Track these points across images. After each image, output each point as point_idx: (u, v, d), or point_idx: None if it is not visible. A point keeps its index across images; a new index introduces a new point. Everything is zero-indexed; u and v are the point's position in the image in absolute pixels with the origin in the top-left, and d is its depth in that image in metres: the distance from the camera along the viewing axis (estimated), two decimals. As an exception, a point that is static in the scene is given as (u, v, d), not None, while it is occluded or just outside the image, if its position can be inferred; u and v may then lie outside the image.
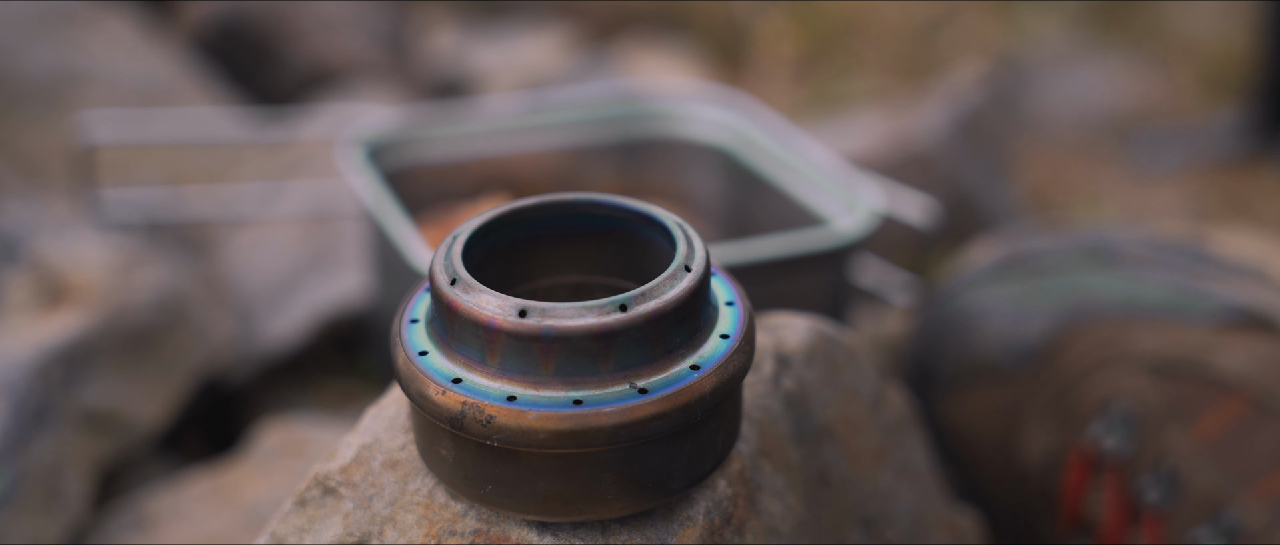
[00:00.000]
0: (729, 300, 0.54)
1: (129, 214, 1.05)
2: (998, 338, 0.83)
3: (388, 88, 1.32)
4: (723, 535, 0.54)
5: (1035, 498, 0.81)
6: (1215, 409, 0.76)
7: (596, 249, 0.57)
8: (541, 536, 0.52)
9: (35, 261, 0.90)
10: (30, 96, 1.17)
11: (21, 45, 1.21)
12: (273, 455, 0.84)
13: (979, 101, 1.30)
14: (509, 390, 0.49)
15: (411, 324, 0.53)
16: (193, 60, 1.33)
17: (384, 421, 0.56)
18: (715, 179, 0.99)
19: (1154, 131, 1.61)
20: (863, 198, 0.85)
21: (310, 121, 1.19)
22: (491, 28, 1.66)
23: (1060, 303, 0.82)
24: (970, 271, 0.89)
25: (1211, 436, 0.75)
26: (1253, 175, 1.50)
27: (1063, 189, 1.49)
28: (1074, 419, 0.79)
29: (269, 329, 0.98)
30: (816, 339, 0.63)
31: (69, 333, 0.84)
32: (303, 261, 1.05)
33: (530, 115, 0.97)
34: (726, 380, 0.51)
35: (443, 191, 0.95)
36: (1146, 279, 0.82)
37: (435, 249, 0.54)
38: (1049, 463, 0.80)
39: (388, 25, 1.49)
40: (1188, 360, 0.77)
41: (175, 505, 0.81)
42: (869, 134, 1.26)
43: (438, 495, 0.53)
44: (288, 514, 0.56)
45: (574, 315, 0.49)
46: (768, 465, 0.57)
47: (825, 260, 0.82)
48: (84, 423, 0.83)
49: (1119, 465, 0.77)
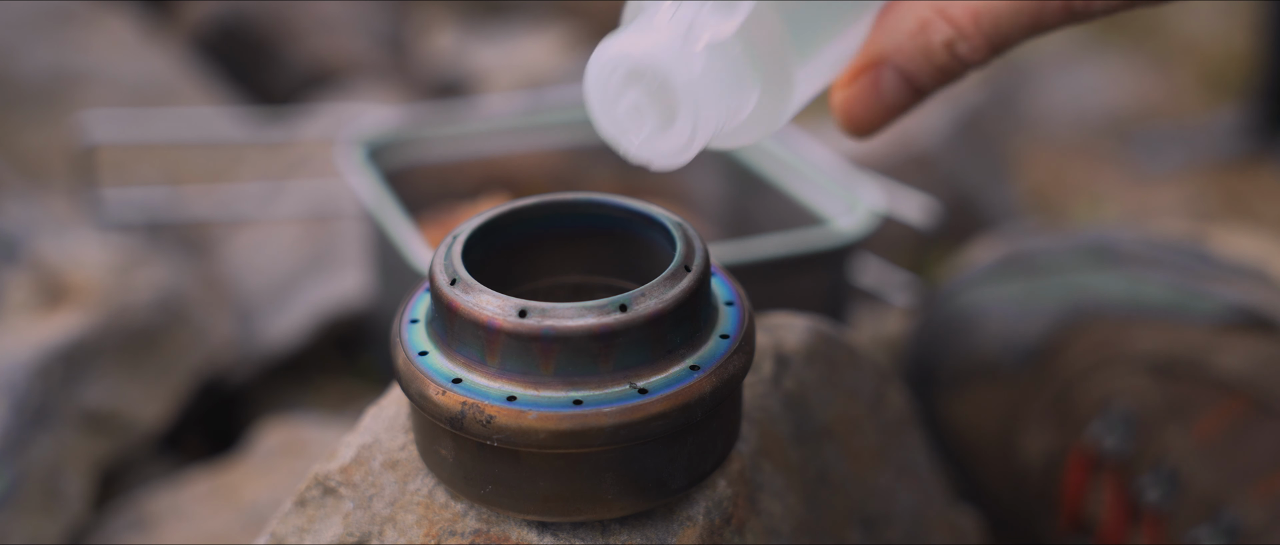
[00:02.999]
0: (729, 300, 0.54)
1: (129, 214, 1.05)
2: (998, 337, 0.83)
3: (388, 88, 1.32)
4: (723, 535, 0.54)
5: (1035, 497, 0.81)
6: (1215, 409, 0.76)
7: (596, 249, 0.57)
8: (541, 536, 0.52)
9: (35, 261, 0.90)
10: (30, 96, 1.17)
11: (21, 45, 1.21)
12: (273, 455, 0.84)
13: (979, 101, 1.30)
14: (509, 390, 0.49)
15: (411, 324, 0.53)
16: (193, 60, 1.33)
17: (384, 421, 0.56)
18: (715, 179, 0.99)
19: (1154, 131, 1.61)
20: (863, 198, 0.85)
21: (310, 121, 1.19)
22: (491, 28, 1.66)
23: (1060, 302, 0.82)
24: (970, 271, 0.89)
25: (1211, 436, 0.75)
26: (1253, 175, 1.50)
27: (1063, 189, 1.49)
28: (1074, 419, 0.79)
29: (269, 329, 0.98)
30: (816, 339, 0.63)
31: (69, 333, 0.84)
32: (303, 261, 1.05)
33: (530, 115, 0.97)
34: (726, 380, 0.51)
35: (443, 191, 0.95)
36: (1147, 279, 0.82)
37: (435, 249, 0.54)
38: (1049, 462, 0.80)
39: (388, 25, 1.49)
40: (1188, 360, 0.77)
41: (175, 505, 0.81)
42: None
43: (438, 495, 0.53)
44: (288, 514, 0.56)
45: (574, 315, 0.49)
46: (768, 465, 0.57)
47: (825, 260, 0.82)
48: (84, 423, 0.83)
49: (1119, 465, 0.77)
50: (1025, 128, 1.61)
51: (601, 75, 0.49)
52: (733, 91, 0.50)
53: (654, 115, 0.49)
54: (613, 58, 0.49)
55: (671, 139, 0.50)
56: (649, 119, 0.49)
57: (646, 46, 0.48)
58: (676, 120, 0.49)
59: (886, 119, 0.56)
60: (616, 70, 0.49)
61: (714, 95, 0.49)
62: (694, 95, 0.48)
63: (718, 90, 0.49)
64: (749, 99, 0.51)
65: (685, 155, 0.50)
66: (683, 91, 0.48)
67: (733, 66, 0.50)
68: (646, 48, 0.48)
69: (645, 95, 0.49)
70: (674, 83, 0.48)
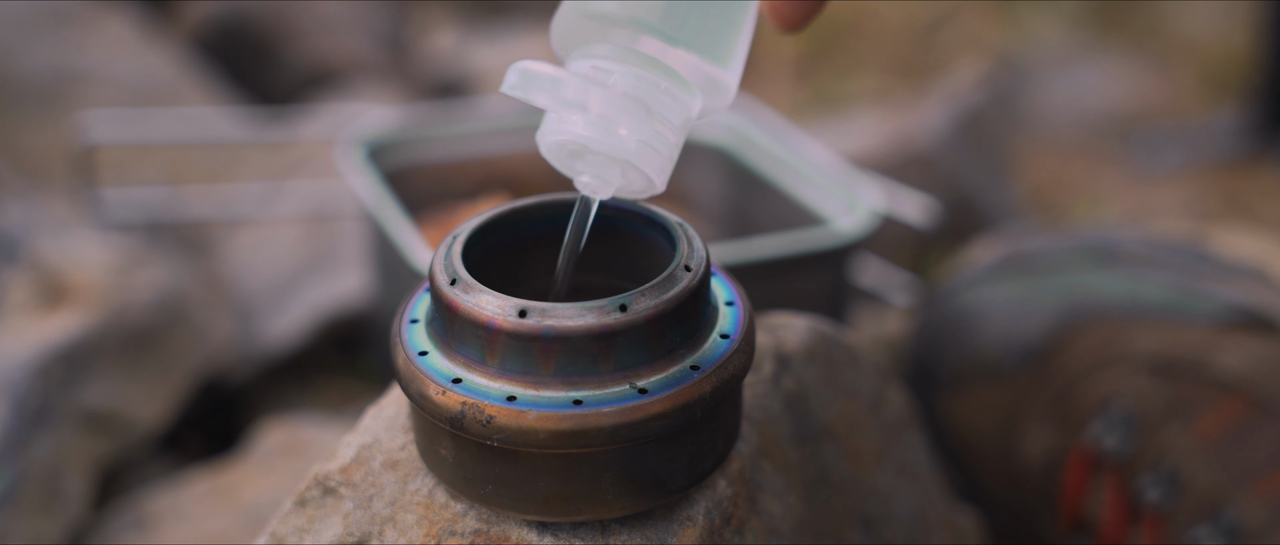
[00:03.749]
0: (729, 300, 0.54)
1: (129, 214, 1.05)
2: (998, 337, 0.83)
3: (388, 88, 1.32)
4: (723, 535, 0.54)
5: (1035, 497, 0.81)
6: (1215, 409, 0.76)
7: (596, 249, 0.57)
8: (541, 536, 0.52)
9: (35, 261, 0.90)
10: (30, 96, 1.17)
11: (21, 45, 1.21)
12: (273, 455, 0.84)
13: (979, 101, 1.30)
14: (509, 390, 0.49)
15: (411, 324, 0.53)
16: (193, 60, 1.33)
17: (384, 421, 0.56)
18: (715, 179, 0.99)
19: (1154, 131, 1.61)
20: (863, 198, 0.85)
21: (310, 121, 1.19)
22: (491, 28, 1.66)
23: (1060, 302, 0.82)
24: (970, 271, 0.89)
25: (1211, 436, 0.75)
26: (1253, 175, 1.50)
27: (1063, 189, 1.49)
28: (1074, 418, 0.79)
29: (269, 329, 0.98)
30: (816, 339, 0.63)
31: (69, 333, 0.84)
32: (303, 261, 1.05)
33: (530, 115, 0.97)
34: (726, 380, 0.51)
35: (443, 191, 0.95)
36: (1146, 279, 0.82)
37: (435, 249, 0.54)
38: (1049, 462, 0.80)
39: (388, 25, 1.49)
40: (1188, 360, 0.77)
41: (175, 505, 0.81)
42: (869, 134, 1.26)
43: (438, 495, 0.53)
44: (288, 514, 0.56)
45: (574, 315, 0.49)
46: (768, 465, 0.57)
47: (825, 260, 0.82)
48: (84, 423, 0.83)
49: (1119, 465, 0.77)
50: (1025, 128, 1.61)
51: (552, 155, 0.53)
52: (674, 112, 0.52)
53: (616, 171, 0.52)
54: (552, 146, 0.52)
55: (639, 178, 0.53)
56: (613, 176, 0.53)
57: (576, 133, 0.51)
58: (634, 169, 0.52)
59: (813, 13, 0.56)
60: (562, 150, 0.52)
61: (654, 140, 0.52)
62: (636, 156, 0.51)
63: (655, 138, 0.52)
64: (693, 107, 0.53)
65: (662, 179, 0.53)
66: (626, 158, 0.52)
67: (661, 98, 0.52)
68: (577, 134, 0.51)
69: (597, 163, 0.52)
70: (614, 157, 0.52)
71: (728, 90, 0.54)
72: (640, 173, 0.52)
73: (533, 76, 0.50)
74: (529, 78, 0.50)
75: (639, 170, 0.52)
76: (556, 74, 0.50)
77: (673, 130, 0.52)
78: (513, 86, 0.50)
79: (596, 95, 0.51)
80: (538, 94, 0.50)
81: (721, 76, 0.53)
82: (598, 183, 0.53)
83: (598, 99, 0.51)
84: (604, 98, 0.51)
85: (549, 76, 0.50)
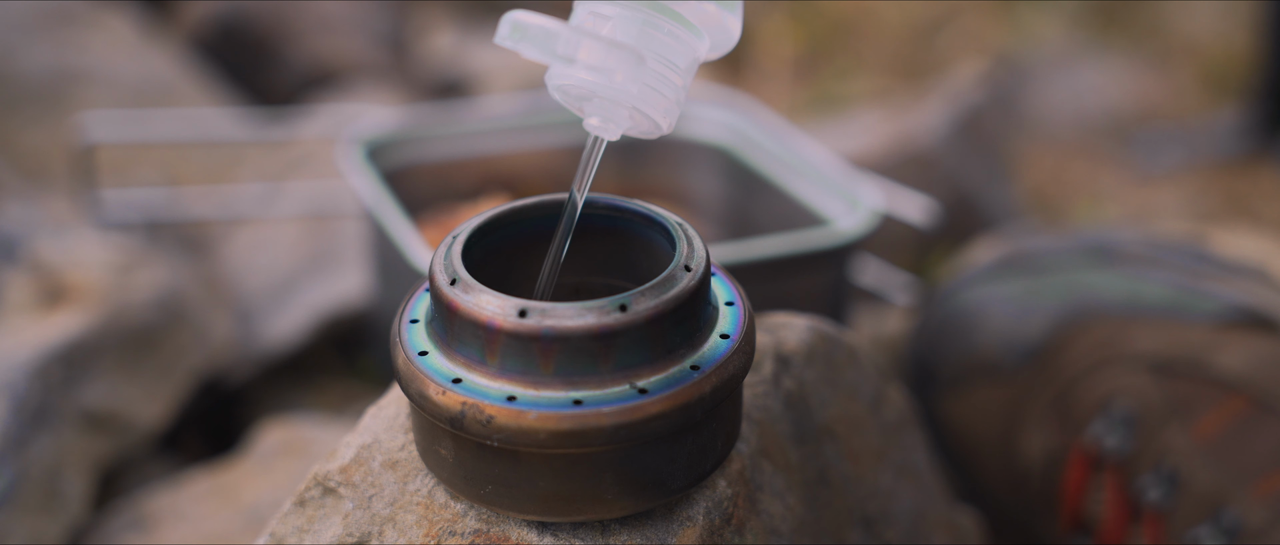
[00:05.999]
0: (729, 300, 0.54)
1: (129, 214, 1.05)
2: (998, 337, 0.83)
3: (388, 88, 1.32)
4: (723, 535, 0.54)
5: (1035, 497, 0.81)
6: (1215, 408, 0.76)
7: (596, 249, 0.57)
8: (541, 536, 0.52)
9: (35, 261, 0.90)
10: (30, 96, 1.17)
11: (21, 45, 1.21)
12: (273, 455, 0.84)
13: (979, 101, 1.30)
14: (509, 390, 0.49)
15: (411, 324, 0.53)
16: (193, 60, 1.33)
17: (384, 421, 0.56)
18: (715, 179, 0.99)
19: (1154, 131, 1.61)
20: (863, 198, 0.85)
21: (310, 121, 1.19)
22: (491, 28, 1.66)
23: (1060, 302, 0.82)
24: (970, 271, 0.89)
25: (1211, 436, 0.75)
26: (1253, 175, 1.51)
27: (1063, 189, 1.49)
28: (1074, 418, 0.79)
29: (269, 329, 0.98)
30: (816, 339, 0.63)
31: (69, 333, 0.84)
32: (302, 261, 1.05)
33: (530, 115, 0.97)
34: (726, 380, 0.51)
35: (443, 191, 0.95)
36: (1147, 278, 0.82)
37: (435, 249, 0.53)
38: (1049, 462, 0.80)
39: (388, 25, 1.49)
40: (1188, 359, 0.77)
41: (175, 505, 0.81)
42: (869, 134, 1.26)
43: (438, 495, 0.53)
44: (288, 514, 0.56)
45: (574, 315, 0.49)
46: (768, 465, 0.57)
47: (825, 260, 0.82)
48: (84, 423, 0.83)
49: (1119, 464, 0.77)
50: (1025, 128, 1.61)
51: (561, 97, 0.53)
52: (679, 55, 0.52)
53: (624, 113, 0.52)
54: (559, 89, 0.52)
55: (645, 121, 0.53)
56: (621, 118, 0.53)
57: (580, 78, 0.51)
58: (640, 112, 0.52)
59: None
60: (568, 93, 0.53)
61: (658, 83, 0.52)
62: (640, 99, 0.52)
63: (659, 81, 0.52)
64: (700, 48, 0.53)
65: (669, 121, 0.53)
66: (631, 102, 0.52)
67: (666, 41, 0.52)
68: (581, 79, 0.51)
69: (604, 106, 0.52)
70: (619, 101, 0.52)
71: (733, 30, 0.54)
72: (646, 116, 0.52)
73: (524, 28, 0.50)
74: (520, 29, 0.50)
75: (644, 114, 0.52)
76: (548, 25, 0.50)
77: (678, 73, 0.53)
78: (504, 37, 0.50)
79: (588, 46, 0.50)
80: (529, 46, 0.50)
81: (725, 16, 0.53)
82: (606, 124, 0.53)
83: (590, 50, 0.51)
84: (596, 48, 0.51)
85: (540, 27, 0.50)
